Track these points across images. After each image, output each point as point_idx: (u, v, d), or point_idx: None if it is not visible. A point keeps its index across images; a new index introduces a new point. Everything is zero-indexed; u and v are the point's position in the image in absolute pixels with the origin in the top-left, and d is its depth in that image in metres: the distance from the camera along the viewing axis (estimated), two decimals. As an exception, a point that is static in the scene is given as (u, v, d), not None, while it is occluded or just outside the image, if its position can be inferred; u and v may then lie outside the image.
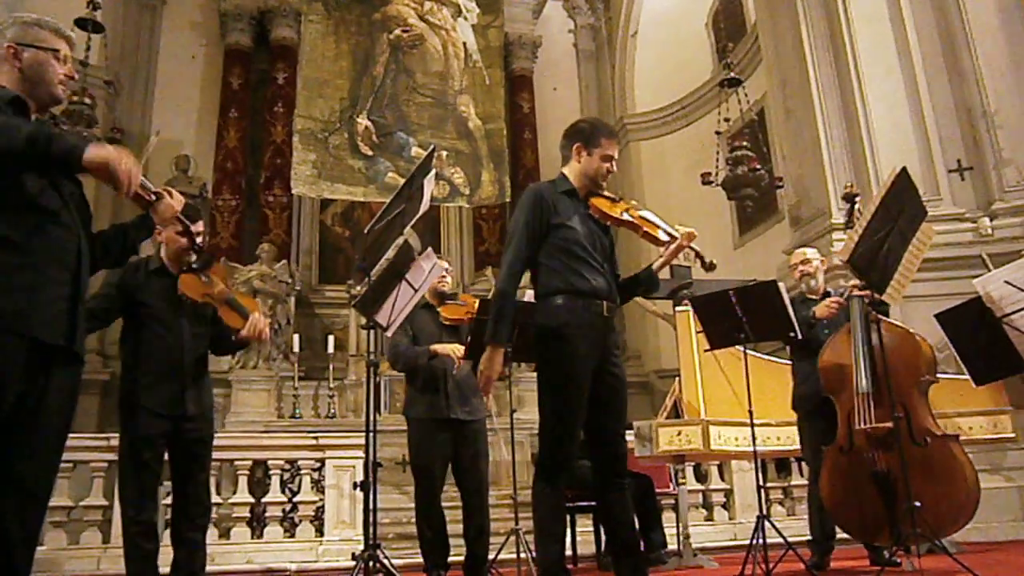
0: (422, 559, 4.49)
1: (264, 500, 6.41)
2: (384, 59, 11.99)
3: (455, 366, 4.49)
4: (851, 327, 4.32)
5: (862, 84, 7.71)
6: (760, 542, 4.19)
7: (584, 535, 6.06)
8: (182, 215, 3.51)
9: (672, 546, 5.75)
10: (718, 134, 9.81)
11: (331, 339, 10.56)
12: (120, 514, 3.44)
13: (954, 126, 7.54)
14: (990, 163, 7.33)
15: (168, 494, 3.77)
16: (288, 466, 6.59)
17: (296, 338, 10.41)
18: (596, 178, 3.31)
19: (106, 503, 5.96)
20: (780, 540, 4.36)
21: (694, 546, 5.76)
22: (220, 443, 3.64)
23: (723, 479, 7.33)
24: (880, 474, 4.05)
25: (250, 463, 6.46)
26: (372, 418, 4.16)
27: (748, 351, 4.72)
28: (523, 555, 4.58)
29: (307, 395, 10.50)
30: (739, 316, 4.42)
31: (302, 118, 11.24)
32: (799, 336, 4.49)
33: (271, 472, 6.52)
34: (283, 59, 12.13)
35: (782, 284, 4.52)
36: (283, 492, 6.51)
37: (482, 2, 12.62)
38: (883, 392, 4.08)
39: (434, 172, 4.57)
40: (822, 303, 4.64)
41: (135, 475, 3.41)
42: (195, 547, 3.50)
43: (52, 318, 2.11)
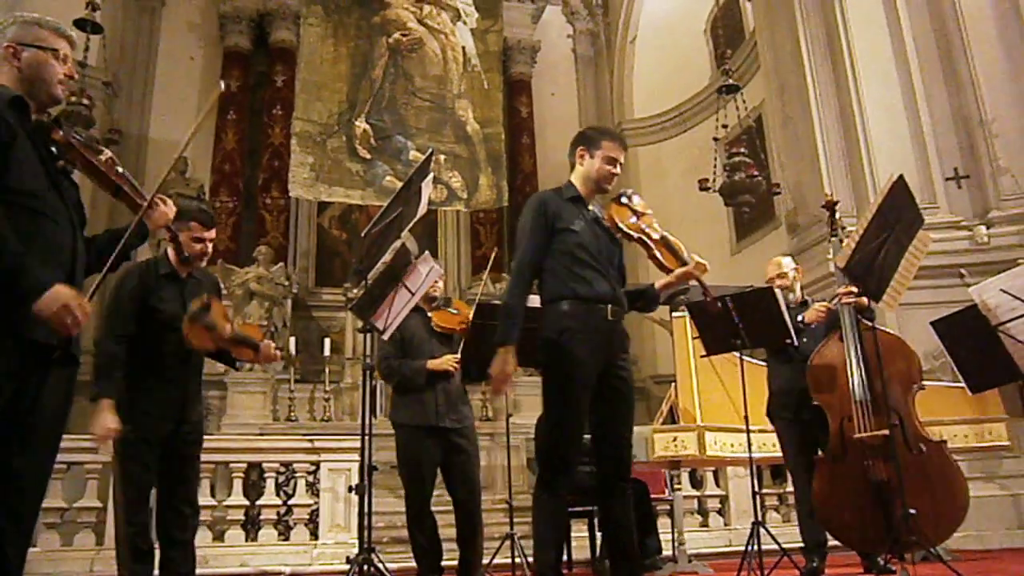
0: (415, 564, 4.48)
1: (259, 503, 6.40)
2: (383, 63, 12.00)
3: (453, 377, 4.48)
4: (843, 335, 4.32)
5: (859, 91, 7.73)
6: (755, 548, 4.20)
7: (579, 540, 6.05)
8: (199, 221, 3.53)
9: (667, 552, 5.74)
10: (716, 140, 9.82)
11: (327, 342, 10.54)
12: (115, 515, 3.43)
13: (951, 134, 7.56)
14: (987, 171, 7.35)
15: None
16: (283, 469, 6.59)
17: (292, 341, 10.40)
18: (599, 180, 3.31)
19: (100, 505, 5.94)
20: (775, 546, 4.37)
21: (689, 552, 5.76)
22: (215, 445, 3.63)
23: (718, 485, 7.33)
24: (878, 482, 4.06)
25: (245, 465, 6.45)
26: (368, 421, 4.15)
27: (744, 357, 4.72)
28: (518, 560, 4.57)
29: (303, 398, 10.48)
30: (736, 322, 4.43)
31: (300, 121, 11.23)
32: (796, 343, 4.49)
33: (266, 475, 6.51)
34: (282, 61, 12.12)
35: (779, 290, 4.52)
36: (278, 495, 6.50)
37: (481, 7, 12.63)
38: (878, 400, 4.09)
39: (432, 176, 4.58)
40: (812, 308, 4.64)
41: (137, 477, 3.40)
42: (186, 548, 3.48)
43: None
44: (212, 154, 11.72)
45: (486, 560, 4.58)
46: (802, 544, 4.68)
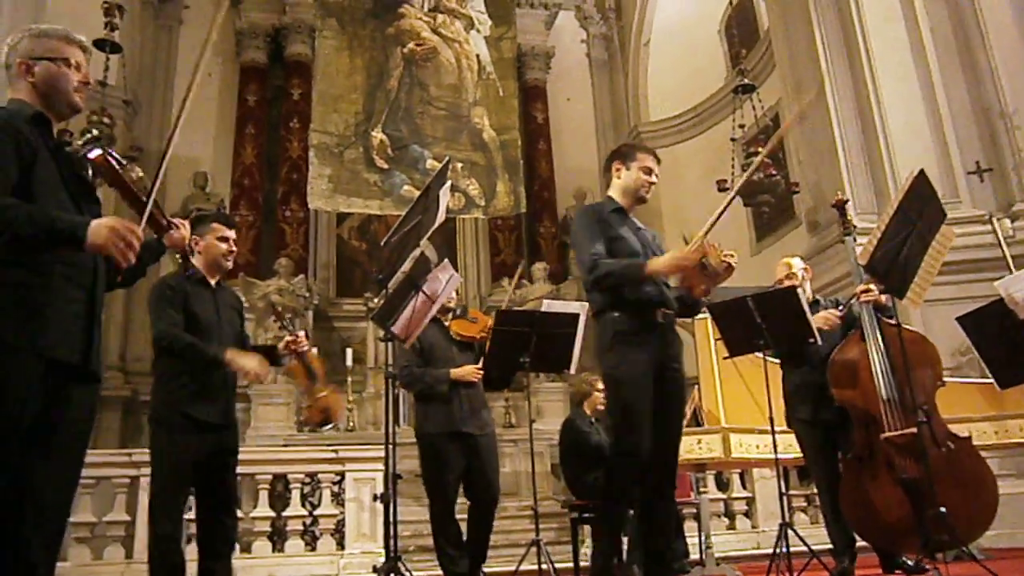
0: (442, 572, 4.48)
1: (285, 514, 6.42)
2: (398, 73, 12.06)
3: (475, 385, 4.56)
4: (864, 334, 4.27)
5: (877, 86, 7.66)
6: (784, 550, 4.15)
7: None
8: (220, 221, 3.62)
9: (694, 555, 5.70)
10: (733, 141, 9.77)
11: (349, 352, 10.58)
12: (150, 526, 3.36)
13: (972, 127, 7.47)
14: (1009, 164, 7.25)
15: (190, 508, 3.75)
16: (308, 479, 6.61)
17: (314, 351, 10.42)
18: (638, 190, 3.42)
19: (128, 518, 6.00)
20: (804, 548, 4.32)
21: (716, 555, 5.71)
22: (240, 457, 3.66)
23: (745, 487, 7.27)
24: (907, 481, 3.99)
25: (270, 477, 6.48)
26: (391, 430, 4.16)
27: (767, 358, 4.68)
28: (544, 566, 4.55)
29: (326, 409, 10.51)
30: (758, 323, 4.38)
31: (317, 133, 11.31)
32: (819, 342, 4.44)
33: (291, 486, 6.54)
34: (298, 75, 12.23)
35: (800, 289, 4.48)
36: (304, 506, 6.53)
37: (495, 14, 12.67)
38: (904, 397, 4.03)
39: (449, 184, 4.60)
40: (819, 315, 4.59)
41: (176, 486, 3.37)
42: (227, 561, 3.45)
43: (68, 337, 2.12)
44: (231, 168, 11.84)
45: (512, 568, 4.57)
46: (831, 546, 4.63)
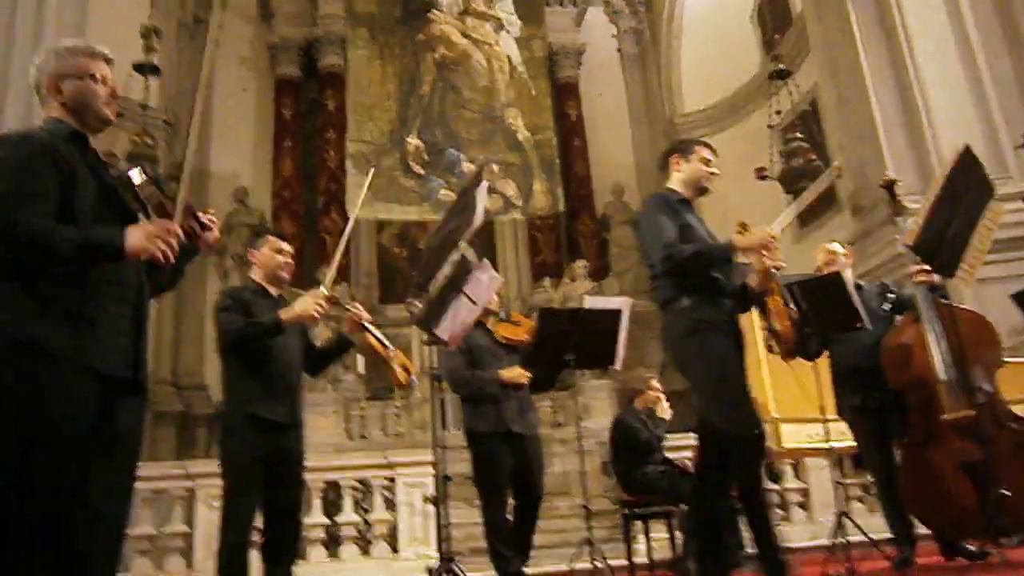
0: (496, 572, 4.49)
1: (338, 520, 6.49)
2: (430, 78, 12.14)
3: (523, 387, 4.61)
4: (919, 315, 4.17)
5: (916, 63, 7.49)
6: (842, 540, 4.08)
7: (658, 541, 5.98)
8: (273, 235, 3.77)
9: (749, 549, 5.62)
10: (771, 128, 9.65)
11: (395, 358, 10.65)
12: (221, 535, 3.35)
13: (1017, 100, 7.27)
14: (1058, 136, 7.04)
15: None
16: (360, 485, 6.67)
17: (360, 359, 10.53)
18: (700, 181, 3.43)
19: (187, 530, 6.12)
20: (863, 538, 4.24)
21: (773, 547, 5.63)
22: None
23: (798, 477, 7.16)
24: (969, 465, 3.89)
25: (323, 484, 6.56)
26: (439, 433, 4.19)
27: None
28: (599, 564, 4.54)
29: (375, 415, 10.62)
30: (804, 310, 4.32)
31: (354, 142, 11.45)
32: (868, 326, 4.36)
33: (344, 492, 6.61)
34: (332, 86, 12.37)
35: (846, 273, 4.40)
36: (356, 511, 6.59)
37: (524, 14, 12.68)
38: (964, 379, 3.93)
39: (486, 185, 4.61)
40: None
41: (245, 487, 3.38)
42: (289, 568, 3.46)
43: (117, 351, 2.17)
44: (271, 182, 12.02)
45: (566, 567, 4.57)
46: (890, 534, 4.54)
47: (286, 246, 3.78)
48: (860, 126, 8.04)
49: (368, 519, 6.58)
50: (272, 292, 3.71)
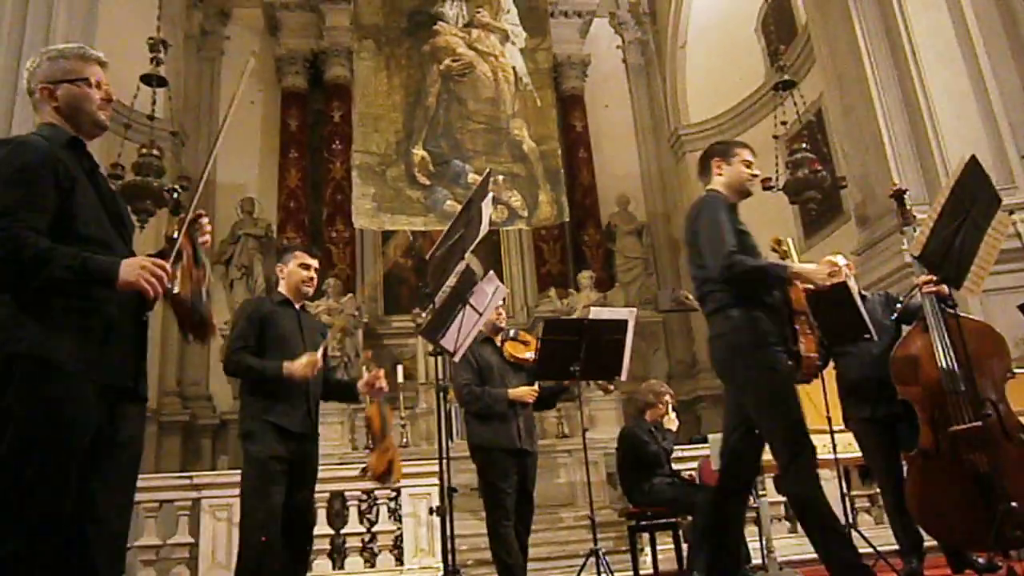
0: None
1: (343, 531, 6.48)
2: (436, 89, 12.16)
3: (528, 406, 4.72)
4: (927, 325, 4.16)
5: (922, 73, 7.48)
6: (848, 552, 4.04)
7: (665, 552, 5.95)
8: (302, 250, 4.03)
9: (756, 560, 5.60)
10: (776, 138, 9.64)
11: (400, 369, 10.63)
12: (244, 541, 3.40)
13: (1023, 110, 7.26)
14: (1066, 146, 7.03)
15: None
16: (365, 496, 6.66)
17: (365, 370, 10.52)
18: (743, 183, 3.39)
19: (192, 541, 6.11)
20: (869, 550, 4.22)
21: (779, 559, 5.61)
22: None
23: (806, 489, 7.11)
24: (978, 476, 3.86)
25: (328, 495, 6.54)
26: (445, 445, 4.18)
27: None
28: (604, 575, 4.53)
29: (380, 426, 10.58)
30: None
31: (359, 153, 11.46)
32: (875, 337, 4.34)
33: (348, 503, 6.59)
34: (338, 97, 12.41)
35: (851, 282, 4.39)
36: (361, 523, 6.58)
37: (529, 26, 12.71)
38: (973, 390, 3.91)
39: (491, 196, 4.62)
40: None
41: (265, 496, 3.42)
42: (305, 568, 3.56)
43: (121, 363, 2.20)
44: (277, 192, 12.06)
45: (571, 577, 4.56)
46: (897, 546, 4.52)
47: (312, 261, 3.96)
48: (865, 136, 8.04)
49: (373, 530, 6.56)
50: (295, 304, 3.87)
